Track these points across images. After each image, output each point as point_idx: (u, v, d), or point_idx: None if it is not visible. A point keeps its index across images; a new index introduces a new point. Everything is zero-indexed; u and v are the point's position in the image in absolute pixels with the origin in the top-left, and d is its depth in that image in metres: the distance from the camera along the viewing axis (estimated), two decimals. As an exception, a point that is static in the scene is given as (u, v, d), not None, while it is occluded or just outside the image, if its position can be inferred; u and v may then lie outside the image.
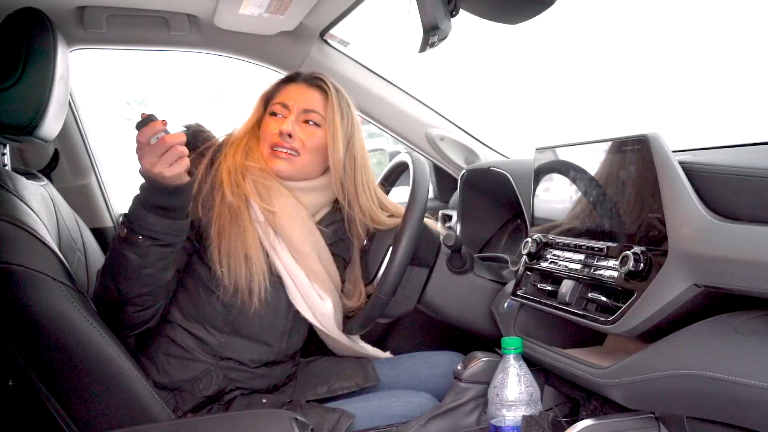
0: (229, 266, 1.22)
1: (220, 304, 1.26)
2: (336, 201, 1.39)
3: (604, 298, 1.05)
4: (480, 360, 1.27)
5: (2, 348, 1.01)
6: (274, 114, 1.32)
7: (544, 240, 1.25)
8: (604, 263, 1.06)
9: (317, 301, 1.32)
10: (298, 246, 1.30)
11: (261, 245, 1.27)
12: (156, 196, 1.08)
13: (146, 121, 1.04)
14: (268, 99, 1.37)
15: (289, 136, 1.28)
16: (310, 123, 1.32)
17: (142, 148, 1.04)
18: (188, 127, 1.33)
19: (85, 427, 1.06)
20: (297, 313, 1.33)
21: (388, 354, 1.54)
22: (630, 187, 1.02)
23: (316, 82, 1.35)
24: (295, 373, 1.41)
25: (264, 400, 1.29)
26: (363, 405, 1.32)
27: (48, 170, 1.57)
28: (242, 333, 1.29)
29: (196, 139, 1.30)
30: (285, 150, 1.29)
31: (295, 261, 1.30)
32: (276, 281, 1.29)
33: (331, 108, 1.32)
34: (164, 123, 1.04)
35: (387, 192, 1.74)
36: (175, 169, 1.05)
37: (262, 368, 1.31)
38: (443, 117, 1.96)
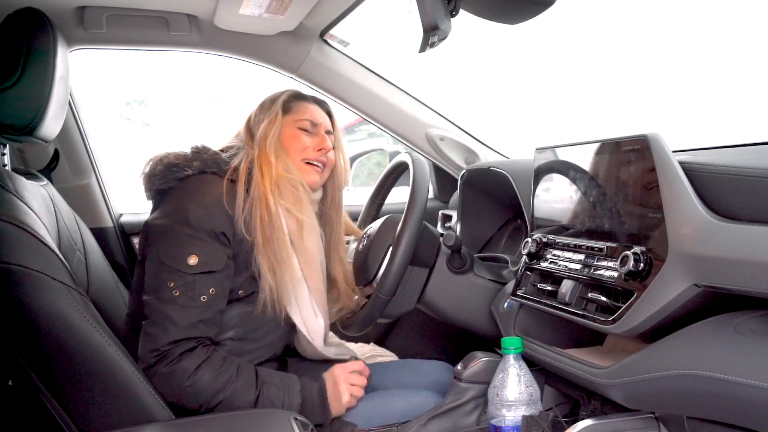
0: (275, 272, 1.26)
1: (239, 312, 1.27)
2: None
3: (604, 298, 1.05)
4: (480, 360, 1.27)
5: (2, 348, 1.01)
6: (304, 129, 1.38)
7: (544, 240, 1.25)
8: (604, 263, 1.06)
9: (311, 317, 1.34)
10: (311, 258, 1.33)
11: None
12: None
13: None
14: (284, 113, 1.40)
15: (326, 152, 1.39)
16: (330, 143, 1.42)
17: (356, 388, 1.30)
18: (199, 150, 1.30)
19: (84, 426, 1.06)
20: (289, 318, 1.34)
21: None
22: (630, 187, 1.02)
23: (325, 107, 1.45)
24: (286, 371, 1.42)
25: None
26: (363, 404, 1.32)
27: (48, 170, 1.57)
28: (250, 337, 1.30)
29: (217, 164, 1.28)
30: (318, 164, 1.37)
31: (303, 274, 1.31)
32: None
33: (338, 132, 1.46)
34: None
35: (387, 192, 1.75)
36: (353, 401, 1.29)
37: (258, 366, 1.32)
38: (443, 117, 1.96)
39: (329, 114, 1.45)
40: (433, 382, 1.43)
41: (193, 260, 1.18)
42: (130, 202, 1.98)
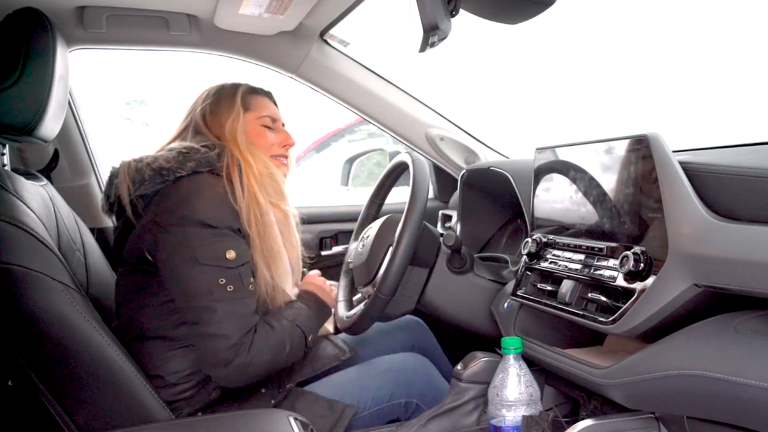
0: (270, 267, 1.29)
1: None
2: None
3: (604, 298, 1.05)
4: (480, 360, 1.27)
5: (2, 348, 1.01)
6: (265, 126, 1.42)
7: (544, 240, 1.24)
8: (604, 263, 1.06)
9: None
10: (295, 247, 1.39)
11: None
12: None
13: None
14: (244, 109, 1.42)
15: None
16: None
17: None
18: (190, 151, 1.28)
19: (84, 427, 1.06)
20: None
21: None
22: (630, 187, 1.02)
23: (272, 97, 1.49)
24: None
25: (263, 390, 1.30)
26: (352, 370, 1.41)
27: (48, 170, 1.57)
28: None
29: (210, 162, 1.28)
30: (284, 158, 1.45)
31: (291, 264, 1.37)
32: None
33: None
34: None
35: (387, 192, 1.75)
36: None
37: None
38: (443, 117, 1.96)
39: (275, 104, 1.49)
40: (407, 333, 1.60)
41: (230, 254, 1.20)
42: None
